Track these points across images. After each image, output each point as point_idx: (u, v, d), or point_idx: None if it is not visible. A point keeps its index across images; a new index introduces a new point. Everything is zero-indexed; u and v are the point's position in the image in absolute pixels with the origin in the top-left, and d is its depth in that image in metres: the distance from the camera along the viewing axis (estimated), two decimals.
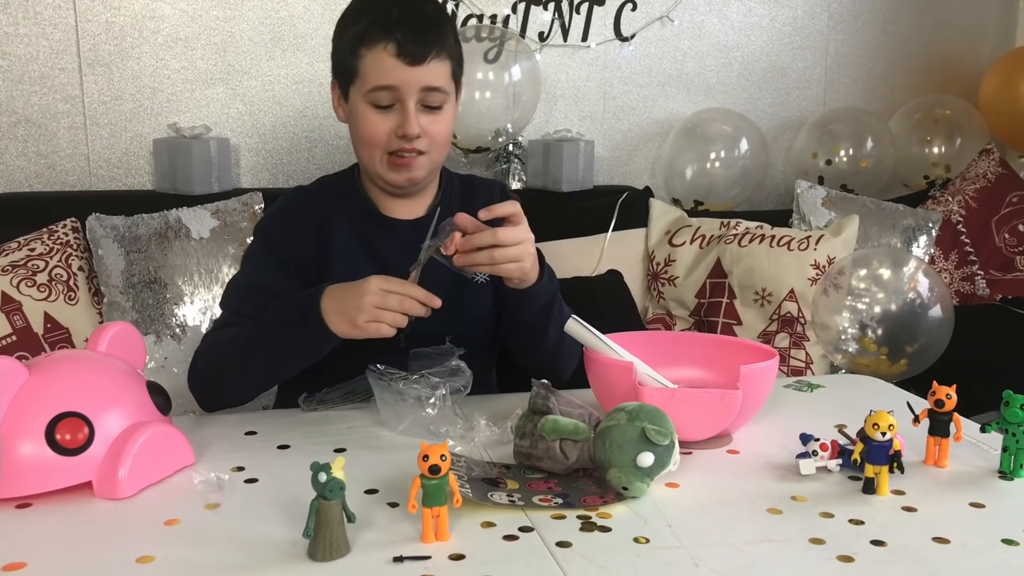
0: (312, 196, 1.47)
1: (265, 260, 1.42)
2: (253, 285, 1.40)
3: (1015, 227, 2.60)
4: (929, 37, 3.00)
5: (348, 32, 1.36)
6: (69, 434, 0.99)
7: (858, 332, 2.06)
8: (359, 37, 1.33)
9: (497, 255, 1.22)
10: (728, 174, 2.66)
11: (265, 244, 1.44)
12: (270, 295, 1.37)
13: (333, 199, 1.45)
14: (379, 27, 1.31)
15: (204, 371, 1.36)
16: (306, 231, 1.42)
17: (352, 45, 1.34)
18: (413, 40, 1.30)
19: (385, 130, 1.34)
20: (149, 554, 0.86)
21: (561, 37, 2.65)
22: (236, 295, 1.41)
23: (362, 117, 1.36)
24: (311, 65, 2.46)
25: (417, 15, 1.33)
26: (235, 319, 1.37)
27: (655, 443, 0.98)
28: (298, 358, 1.29)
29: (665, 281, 2.35)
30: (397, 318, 1.19)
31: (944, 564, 0.86)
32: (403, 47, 1.30)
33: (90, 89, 2.33)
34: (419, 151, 1.36)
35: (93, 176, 2.36)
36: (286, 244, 1.41)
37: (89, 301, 1.99)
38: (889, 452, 1.01)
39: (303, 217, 1.43)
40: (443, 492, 0.88)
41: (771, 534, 0.92)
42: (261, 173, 2.48)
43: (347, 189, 1.46)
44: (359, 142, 1.39)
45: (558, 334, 1.38)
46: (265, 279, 1.39)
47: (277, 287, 1.38)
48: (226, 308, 1.42)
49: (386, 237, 1.43)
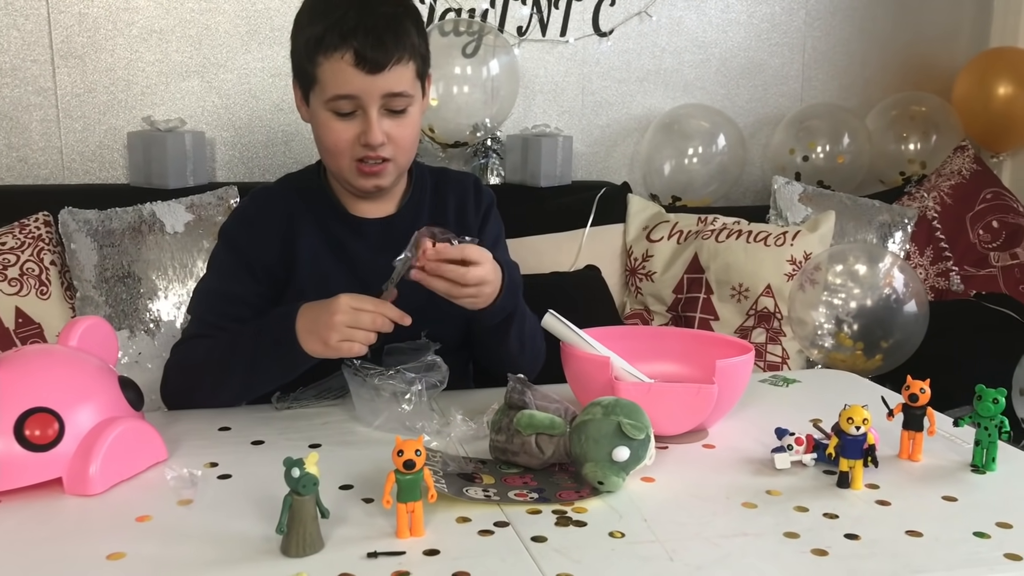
0: (276, 197, 1.43)
1: (231, 267, 1.38)
2: (220, 295, 1.37)
3: (989, 223, 2.62)
4: (905, 35, 3.02)
5: (304, 35, 1.31)
6: (39, 430, 0.97)
7: (834, 327, 2.07)
8: (316, 43, 1.27)
9: (454, 291, 1.21)
10: (706, 170, 2.67)
11: (230, 250, 1.40)
12: (238, 304, 1.35)
13: (298, 199, 1.41)
14: (336, 34, 1.25)
15: (177, 385, 1.34)
16: (271, 234, 1.38)
17: (309, 51, 1.29)
18: (372, 47, 1.25)
19: (348, 138, 1.30)
20: (120, 551, 0.85)
21: (540, 32, 2.64)
22: (204, 304, 1.38)
23: (324, 126, 1.32)
24: (287, 59, 2.40)
25: (376, 17, 1.26)
26: (205, 330, 1.35)
27: (631, 437, 0.98)
28: (274, 378, 1.28)
29: (643, 276, 2.35)
30: (369, 336, 1.18)
31: (917, 557, 0.86)
32: (361, 55, 1.25)
33: (63, 81, 2.30)
34: (384, 158, 1.32)
35: (66, 169, 2.33)
36: (251, 249, 1.38)
37: (61, 296, 1.97)
38: (863, 446, 1.02)
39: (268, 220, 1.39)
40: (418, 487, 0.88)
41: (746, 528, 0.92)
42: (237, 167, 2.46)
43: (313, 188, 1.43)
44: (323, 150, 1.36)
45: (520, 343, 1.37)
46: (232, 288, 1.37)
47: (245, 295, 1.36)
48: (194, 317, 1.39)
49: (354, 237, 1.40)
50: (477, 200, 1.50)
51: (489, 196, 1.53)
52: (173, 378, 1.35)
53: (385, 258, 1.22)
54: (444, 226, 1.26)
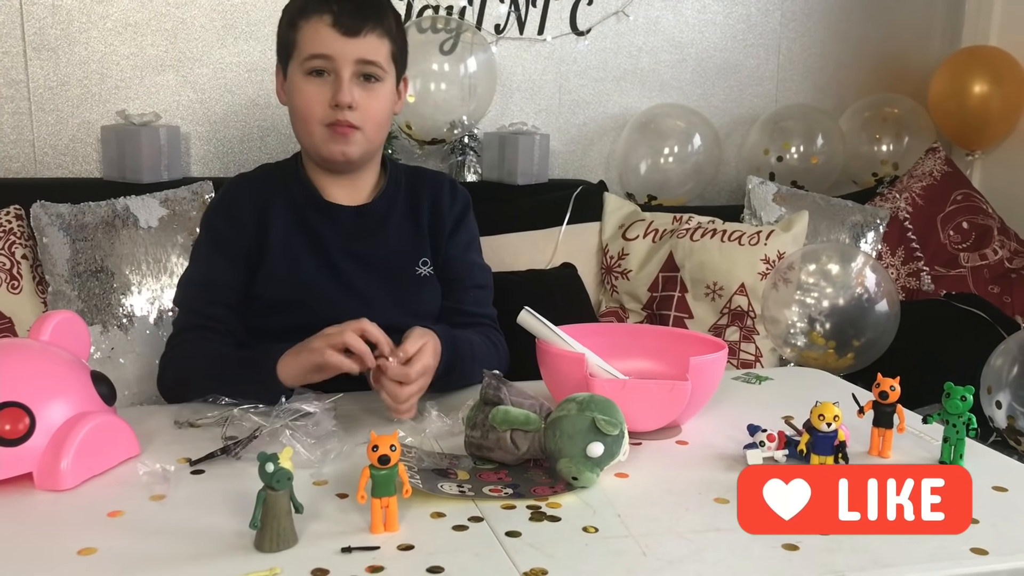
0: (253, 182, 1.49)
1: (213, 256, 1.43)
2: (204, 284, 1.42)
3: (959, 224, 2.65)
4: (879, 36, 3.05)
5: (289, 9, 1.41)
6: (9, 424, 0.97)
7: (806, 326, 2.09)
8: (298, 11, 1.38)
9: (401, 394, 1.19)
10: (681, 169, 2.68)
11: (211, 238, 1.45)
12: (223, 290, 1.40)
13: (274, 184, 1.47)
14: (317, 1, 1.35)
15: (174, 382, 1.38)
16: (248, 218, 1.43)
17: (291, 17, 1.39)
18: (350, 13, 1.34)
19: (320, 99, 1.36)
20: (91, 546, 0.85)
21: (517, 30, 2.64)
22: (190, 294, 1.43)
23: (298, 89, 1.38)
24: (263, 53, 2.42)
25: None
26: (193, 319, 1.40)
27: (605, 433, 0.98)
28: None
29: (618, 275, 2.36)
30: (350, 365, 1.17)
31: (885, 551, 0.87)
32: (339, 18, 1.34)
33: (35, 74, 2.27)
34: (352, 124, 1.37)
35: (38, 163, 2.31)
36: (229, 235, 1.42)
37: (33, 290, 1.95)
38: (834, 443, 1.03)
39: (245, 205, 1.44)
40: (392, 483, 0.88)
41: (718, 523, 0.93)
42: (212, 162, 2.44)
43: (289, 174, 1.48)
44: (296, 117, 1.41)
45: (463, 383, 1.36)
46: (214, 275, 1.41)
47: (228, 281, 1.41)
48: (182, 308, 1.44)
49: (325, 222, 1.44)
50: (452, 200, 1.52)
51: (464, 197, 1.55)
52: (169, 376, 1.39)
53: (355, 244, 1.24)
54: (418, 223, 1.39)
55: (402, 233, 1.47)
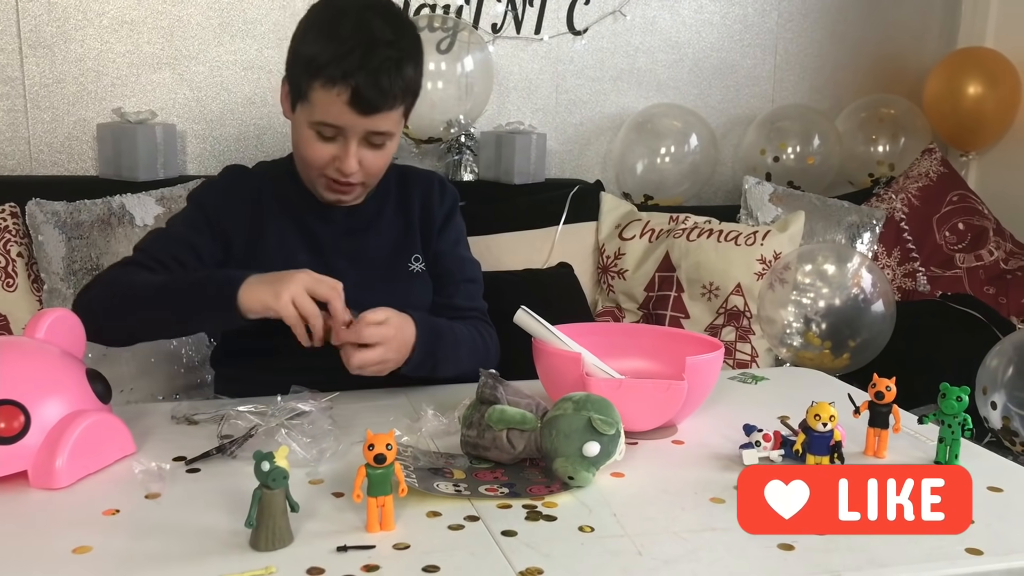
0: (251, 174, 1.49)
1: (195, 219, 1.41)
2: (178, 239, 1.38)
3: (955, 225, 2.66)
4: (876, 37, 3.05)
5: (306, 52, 1.31)
6: (4, 422, 0.96)
7: (802, 326, 2.10)
8: (316, 69, 1.29)
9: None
10: (678, 169, 2.68)
11: (197, 207, 1.43)
12: (190, 250, 1.36)
13: (271, 181, 1.47)
14: (337, 69, 1.27)
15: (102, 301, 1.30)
16: (241, 204, 1.43)
17: (308, 72, 1.30)
18: (369, 92, 1.28)
19: (325, 156, 1.35)
20: (86, 544, 0.84)
21: (514, 29, 2.64)
22: (157, 243, 1.38)
23: (304, 139, 1.36)
24: (260, 51, 2.42)
25: (379, 60, 1.28)
26: (147, 260, 1.34)
27: (601, 433, 0.98)
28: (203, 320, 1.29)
29: (615, 274, 2.36)
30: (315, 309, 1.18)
31: (881, 551, 0.87)
32: (356, 97, 1.28)
33: (31, 71, 2.26)
34: (352, 183, 1.38)
35: (34, 161, 2.30)
36: (220, 209, 1.41)
37: (28, 288, 1.95)
38: (830, 443, 1.03)
39: (240, 191, 1.44)
40: (388, 482, 0.88)
41: (714, 523, 0.93)
42: (208, 160, 2.44)
43: (285, 175, 1.47)
44: (299, 157, 1.40)
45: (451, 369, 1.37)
46: (190, 236, 1.38)
47: (200, 246, 1.37)
48: (142, 251, 1.37)
49: (321, 222, 1.44)
50: (441, 197, 1.54)
51: (453, 194, 1.56)
52: (98, 292, 1.32)
53: (348, 242, 1.23)
54: (409, 220, 1.42)
55: (394, 230, 1.49)
